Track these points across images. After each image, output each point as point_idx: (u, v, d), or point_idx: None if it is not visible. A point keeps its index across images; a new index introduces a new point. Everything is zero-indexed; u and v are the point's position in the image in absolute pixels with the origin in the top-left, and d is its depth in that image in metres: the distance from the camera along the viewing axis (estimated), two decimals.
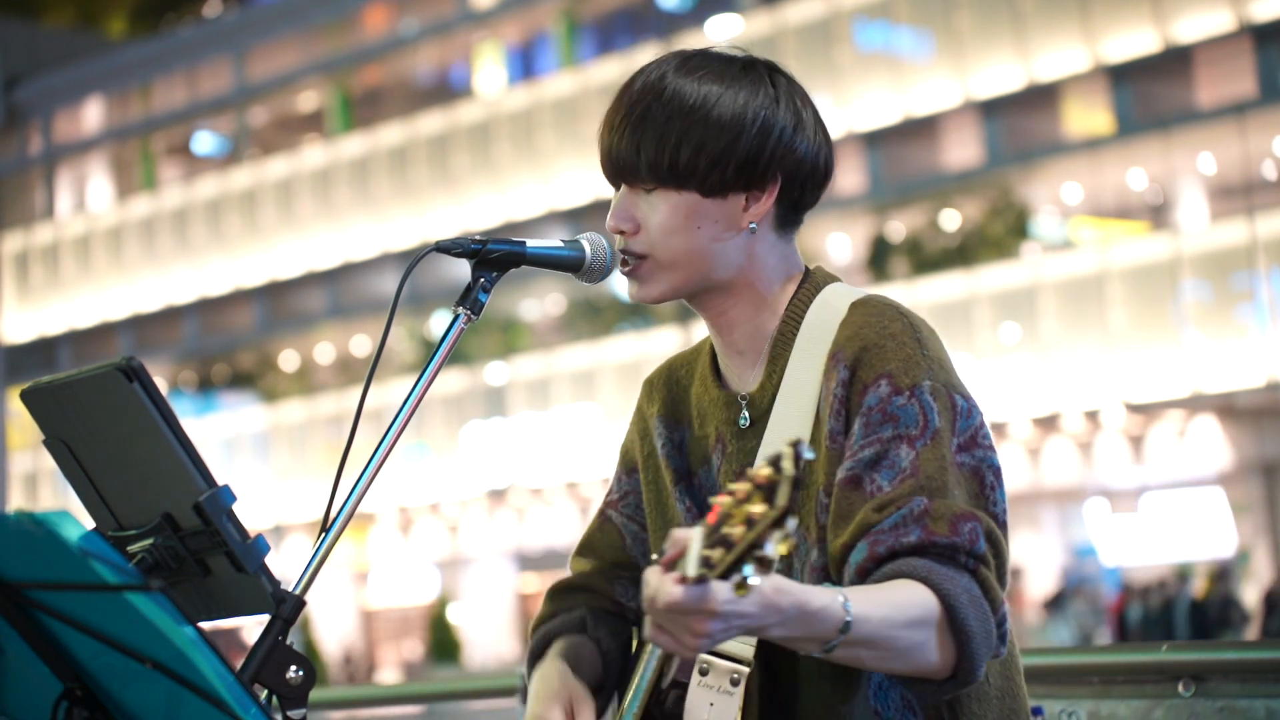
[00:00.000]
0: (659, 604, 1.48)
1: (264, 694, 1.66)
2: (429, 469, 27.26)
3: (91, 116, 36.09)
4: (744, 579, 1.44)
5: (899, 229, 24.51)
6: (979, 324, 22.09)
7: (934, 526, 1.71)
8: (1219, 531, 22.11)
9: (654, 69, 1.88)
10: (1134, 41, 21.85)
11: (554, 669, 1.94)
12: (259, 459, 30.19)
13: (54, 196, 36.02)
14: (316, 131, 32.49)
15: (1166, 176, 23.32)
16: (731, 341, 1.93)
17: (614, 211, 1.87)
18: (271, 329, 31.90)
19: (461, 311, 1.87)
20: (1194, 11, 21.40)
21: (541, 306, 29.05)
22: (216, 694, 1.43)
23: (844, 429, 1.80)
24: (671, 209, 1.84)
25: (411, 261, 1.79)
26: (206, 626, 1.53)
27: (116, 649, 1.46)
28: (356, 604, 30.63)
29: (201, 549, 1.68)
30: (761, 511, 1.42)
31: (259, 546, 1.66)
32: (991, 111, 23.24)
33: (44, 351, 34.45)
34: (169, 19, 41.21)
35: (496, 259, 1.89)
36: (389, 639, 30.23)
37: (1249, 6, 21.00)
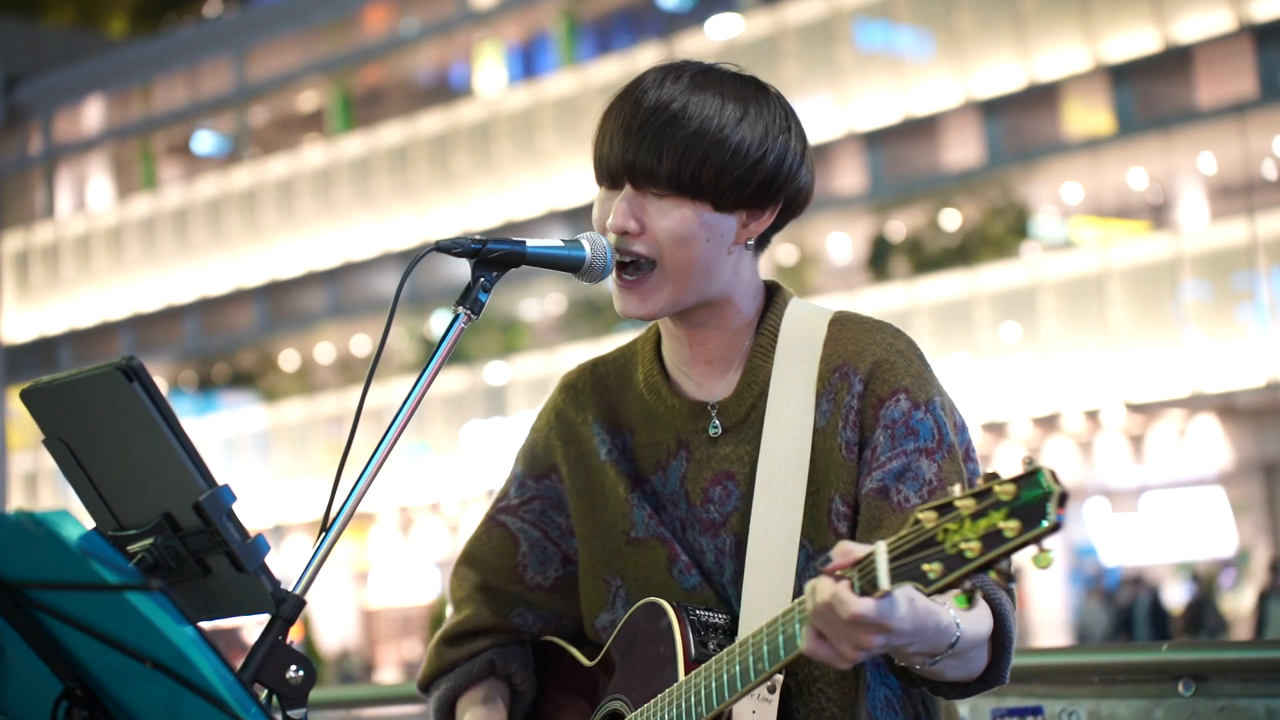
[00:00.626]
0: (842, 615, 1.53)
1: (264, 694, 1.67)
2: (429, 469, 27.26)
3: (92, 116, 36.09)
4: (973, 588, 1.49)
5: (899, 228, 24.50)
6: (979, 324, 22.09)
7: None
8: (1219, 531, 22.11)
9: (669, 80, 1.89)
10: (1134, 41, 21.84)
11: None
12: (259, 459, 30.19)
13: (54, 196, 36.02)
14: (317, 131, 32.49)
15: (1167, 176, 23.31)
16: (701, 352, 1.95)
17: (620, 211, 1.88)
18: (272, 329, 31.90)
19: (462, 311, 1.88)
20: (1194, 11, 21.39)
21: (542, 306, 29.05)
22: (217, 694, 1.44)
23: (859, 440, 1.86)
24: (684, 217, 1.87)
25: (412, 261, 1.79)
26: (206, 626, 1.53)
27: (117, 649, 1.46)
28: (357, 604, 30.63)
29: (202, 549, 1.68)
30: (1014, 528, 1.45)
31: (259, 546, 1.66)
32: (992, 111, 23.23)
33: (44, 351, 34.45)
34: (169, 19, 41.21)
35: (496, 259, 1.89)
36: (389, 639, 30.23)
37: (1249, 6, 20.99)
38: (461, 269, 1.91)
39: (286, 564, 25.67)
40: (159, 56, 34.52)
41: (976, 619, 1.72)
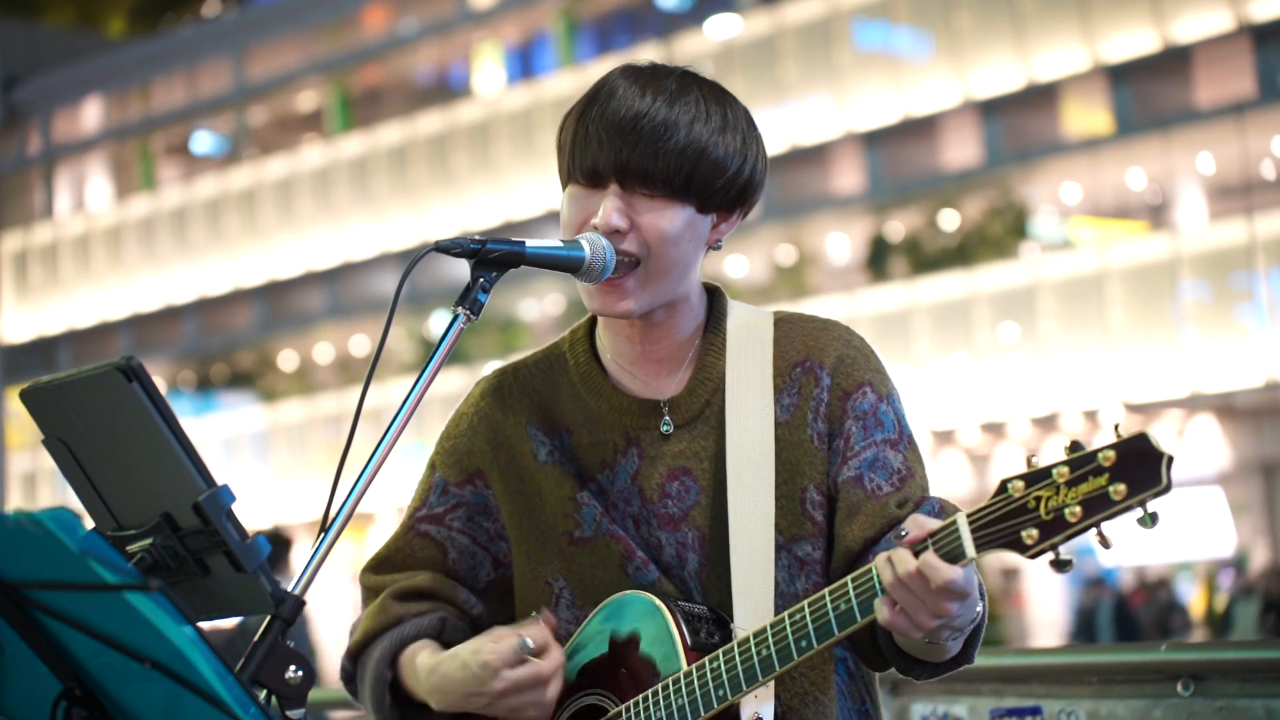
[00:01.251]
0: (935, 582, 1.62)
1: (263, 694, 1.67)
2: None
3: (90, 116, 36.08)
4: (1061, 560, 1.56)
5: (898, 229, 24.50)
6: (978, 324, 22.09)
7: None
8: (1218, 531, 22.11)
9: (649, 85, 1.92)
10: (1133, 41, 21.85)
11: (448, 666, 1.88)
12: (258, 459, 30.19)
13: (53, 196, 36.01)
14: (316, 131, 32.49)
15: (1165, 176, 23.32)
16: (653, 351, 1.98)
17: (610, 210, 1.89)
18: (271, 329, 31.89)
19: (461, 311, 1.88)
20: (1193, 11, 21.40)
21: (540, 306, 29.04)
22: (215, 694, 1.44)
23: (828, 431, 1.93)
24: (675, 217, 1.90)
25: (411, 261, 1.79)
26: (205, 626, 1.53)
27: (116, 648, 1.46)
28: (355, 604, 30.63)
29: (201, 549, 1.68)
30: (1120, 491, 1.52)
31: (258, 546, 1.67)
32: (991, 111, 23.23)
33: (43, 351, 34.44)
34: (168, 19, 41.21)
35: (496, 259, 1.89)
36: None
37: (1248, 6, 21.00)
38: (460, 269, 1.90)
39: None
40: (158, 56, 34.51)
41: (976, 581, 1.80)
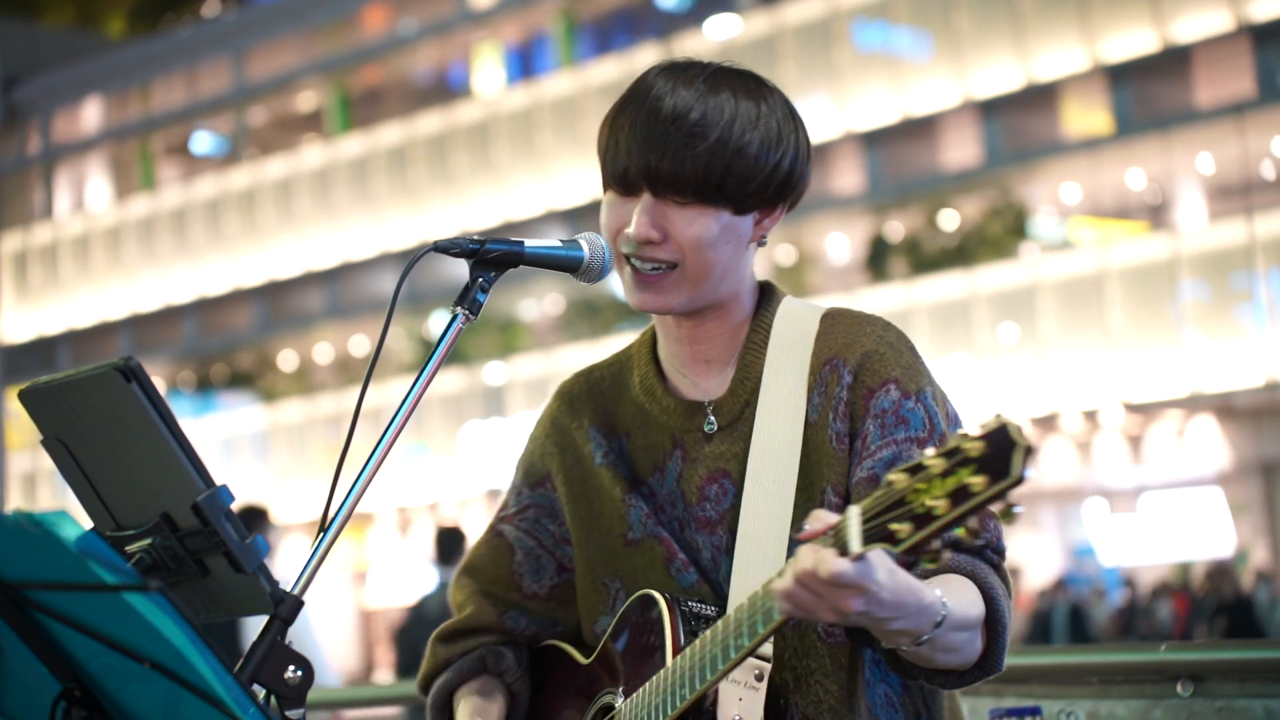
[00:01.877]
0: (821, 574, 1.54)
1: (262, 694, 1.67)
2: (428, 469, 27.26)
3: (90, 116, 36.08)
4: (939, 550, 1.49)
5: (898, 229, 24.50)
6: (977, 324, 22.09)
7: None
8: (1218, 532, 22.12)
9: (681, 84, 1.88)
10: (1133, 41, 21.85)
11: None
12: (257, 459, 30.19)
13: (52, 196, 36.00)
14: (315, 131, 32.49)
15: (1165, 176, 23.32)
16: (701, 352, 1.96)
17: (642, 221, 1.87)
18: (270, 329, 31.89)
19: (460, 311, 1.88)
20: (1193, 12, 21.40)
21: (540, 306, 29.04)
22: (215, 694, 1.44)
23: (849, 431, 1.87)
24: (709, 223, 1.87)
25: (410, 261, 1.80)
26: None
27: (115, 649, 1.46)
28: (355, 604, 30.62)
29: (200, 549, 1.68)
30: (981, 482, 1.44)
31: (257, 546, 1.67)
32: (990, 111, 23.23)
33: (42, 351, 34.43)
34: (168, 19, 41.20)
35: (495, 259, 1.89)
36: (387, 639, 30.24)
37: (1247, 7, 21.00)
38: (460, 269, 1.90)
39: (285, 564, 25.67)
40: (157, 57, 34.51)
41: (965, 601, 1.72)
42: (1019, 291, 21.92)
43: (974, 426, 1.49)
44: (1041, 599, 17.98)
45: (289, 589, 1.71)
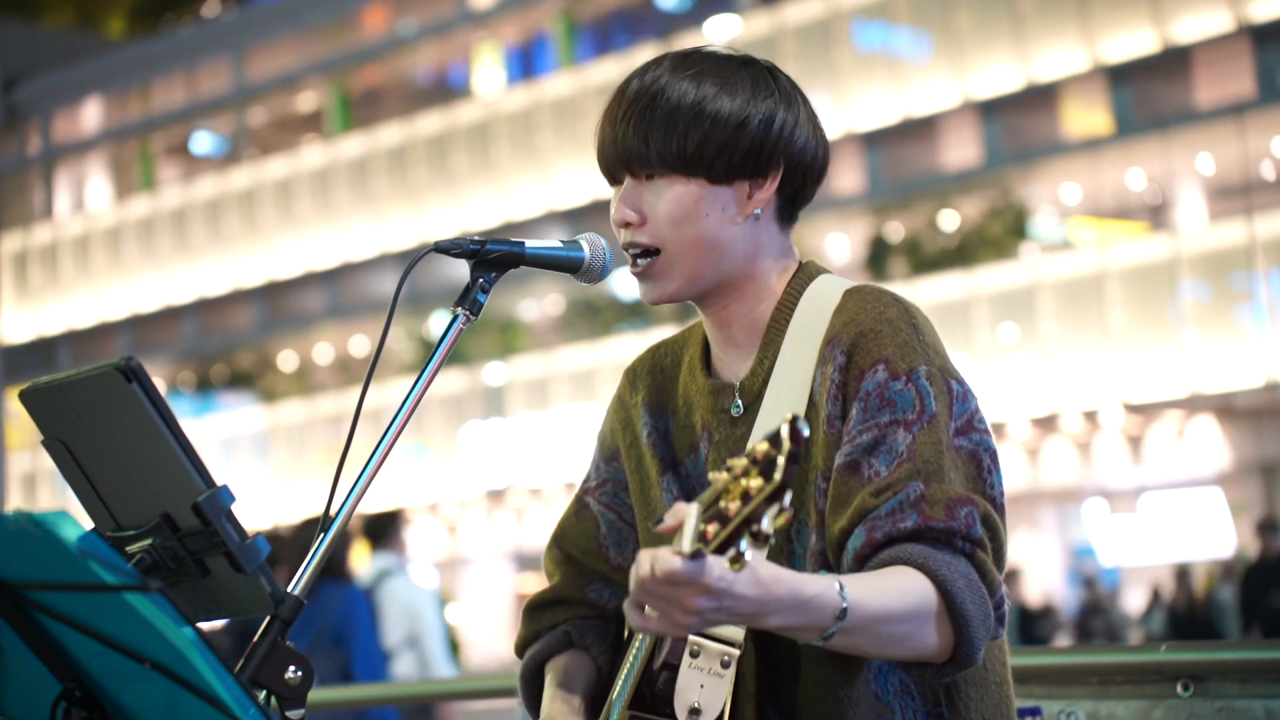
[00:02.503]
0: (656, 573, 1.48)
1: (263, 694, 1.67)
2: (428, 469, 27.26)
3: (90, 116, 36.08)
4: (739, 553, 1.45)
5: (898, 229, 24.51)
6: (978, 324, 22.09)
7: (930, 511, 1.72)
8: (1217, 532, 22.12)
9: (651, 68, 1.90)
10: (1133, 42, 21.85)
11: (555, 709, 1.98)
12: (258, 459, 30.19)
13: (53, 196, 36.01)
14: (315, 132, 32.49)
15: (1165, 177, 23.32)
16: (729, 335, 1.94)
17: (619, 203, 1.88)
18: (270, 329, 31.89)
19: (460, 312, 1.88)
20: (1192, 12, 21.40)
21: (540, 307, 29.04)
22: (215, 694, 1.44)
23: (841, 414, 1.82)
24: (679, 196, 1.86)
25: (410, 262, 1.79)
26: (204, 627, 1.54)
27: (115, 649, 1.46)
28: None
29: (200, 549, 1.68)
30: (758, 486, 1.44)
31: (258, 547, 1.66)
32: (990, 112, 23.24)
33: (42, 352, 34.44)
34: (168, 19, 41.22)
35: (495, 259, 1.89)
36: None
37: (1247, 7, 21.00)
38: (460, 270, 1.90)
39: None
40: (157, 57, 34.51)
41: (892, 590, 1.66)
42: (1019, 292, 21.92)
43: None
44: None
45: (289, 589, 1.71)
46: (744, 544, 1.45)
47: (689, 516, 1.48)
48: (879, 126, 23.80)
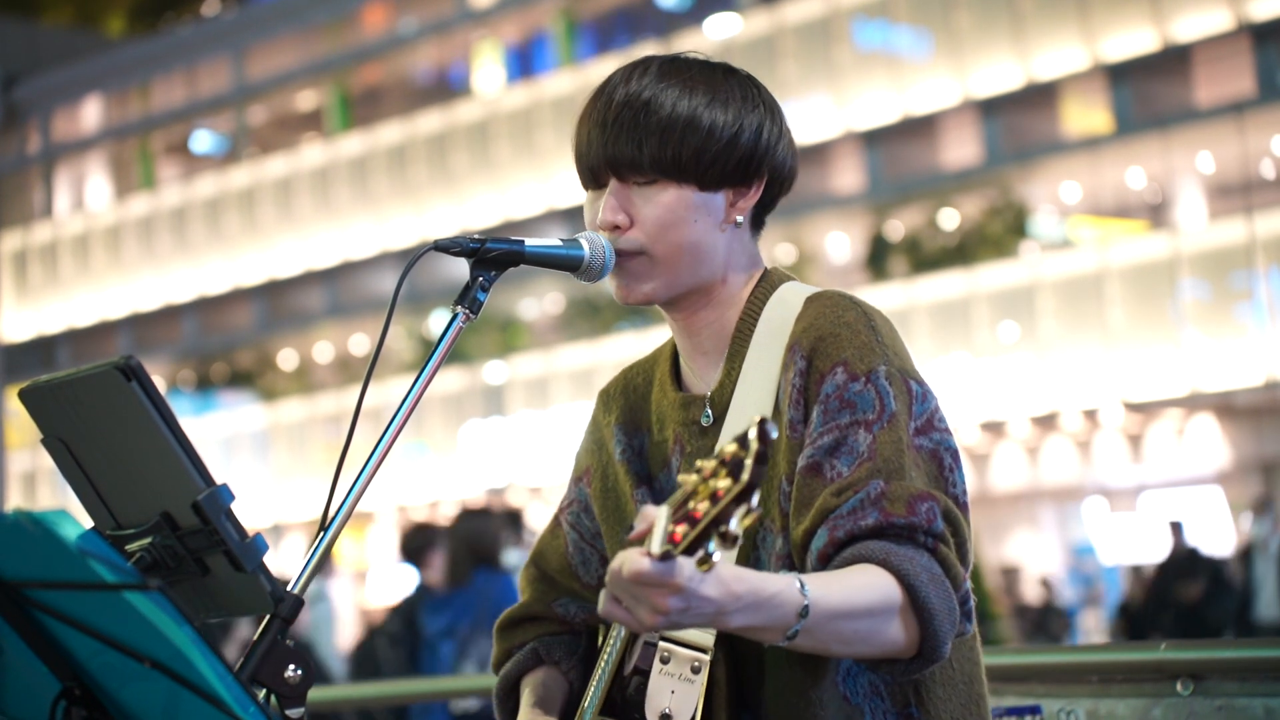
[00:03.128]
0: (624, 574, 1.50)
1: (263, 693, 1.67)
2: (428, 468, 27.26)
3: (90, 115, 36.08)
4: (708, 554, 1.46)
5: (898, 228, 24.50)
6: (977, 323, 22.09)
7: (891, 508, 1.73)
8: (1217, 531, 22.11)
9: (637, 74, 1.90)
10: (1133, 40, 21.85)
11: None
12: (257, 458, 30.19)
13: (52, 195, 36.00)
14: (315, 130, 32.49)
15: (1165, 175, 23.32)
16: (698, 343, 1.96)
17: (607, 206, 1.90)
18: (270, 328, 31.89)
19: (460, 310, 1.88)
20: (1192, 11, 21.40)
21: (540, 305, 29.04)
22: (215, 693, 1.44)
23: (803, 418, 1.83)
24: (669, 201, 1.87)
25: (410, 260, 1.80)
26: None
27: (115, 648, 1.46)
28: (355, 603, 30.64)
29: (200, 548, 1.68)
30: (726, 487, 1.44)
31: (257, 545, 1.67)
32: (990, 110, 23.23)
33: (42, 350, 34.43)
34: (168, 18, 41.20)
35: (495, 258, 1.89)
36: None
37: (1247, 6, 20.99)
38: (460, 268, 1.91)
39: (285, 563, 25.67)
40: (157, 56, 34.50)
41: (852, 586, 1.66)
42: (1019, 290, 21.92)
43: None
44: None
45: (289, 588, 1.71)
46: (712, 545, 1.46)
47: (659, 519, 1.49)
48: (879, 125, 23.79)
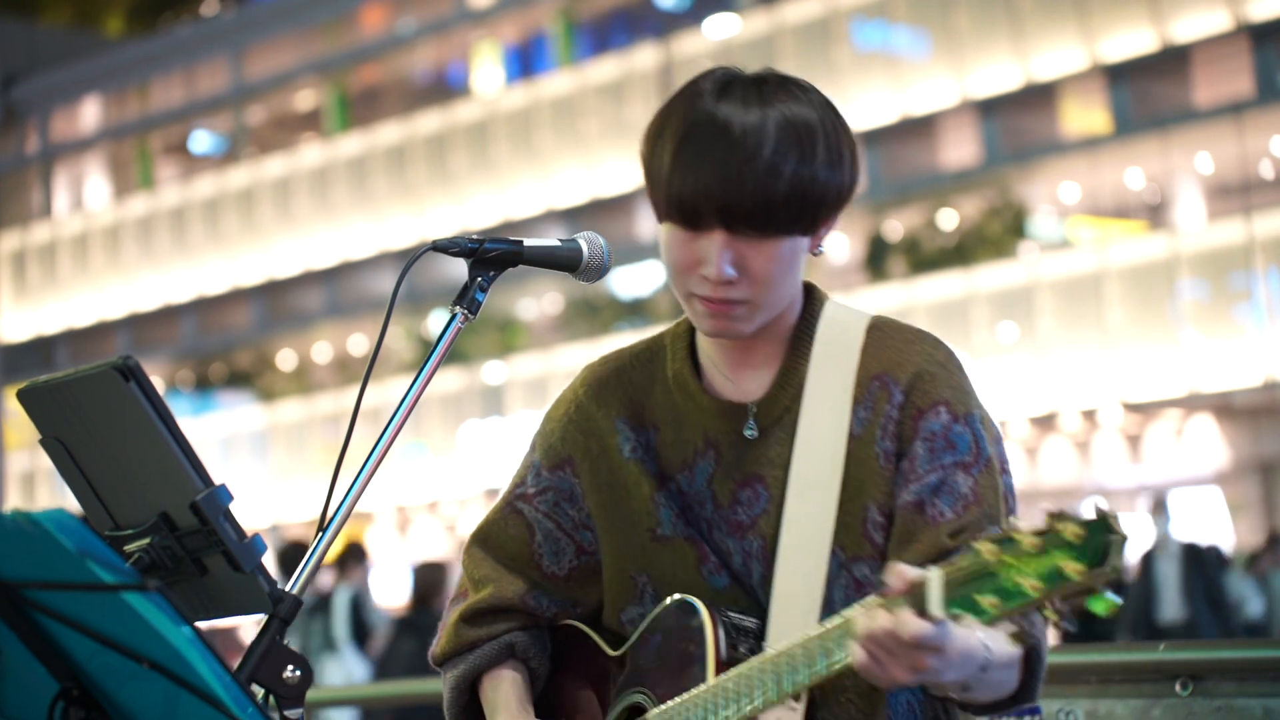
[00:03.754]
0: (903, 636, 1.56)
1: (261, 694, 1.66)
2: (426, 468, 27.26)
3: (89, 115, 36.07)
4: (1020, 630, 1.57)
5: (897, 228, 24.51)
6: (976, 323, 22.10)
7: None
8: (1216, 531, 22.12)
9: (740, 105, 1.82)
10: (1131, 41, 21.86)
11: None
12: (256, 458, 30.18)
13: (51, 195, 35.99)
14: (314, 130, 32.48)
15: (1164, 176, 23.32)
16: (744, 356, 1.93)
17: (723, 259, 1.81)
18: (269, 328, 31.88)
19: (459, 310, 1.88)
20: (1191, 11, 21.40)
21: (539, 305, 29.04)
22: (213, 694, 1.43)
23: (895, 450, 1.85)
24: (785, 254, 1.84)
25: (409, 260, 1.80)
26: (203, 626, 1.53)
27: (113, 649, 1.46)
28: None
29: (198, 548, 1.68)
30: (1077, 569, 1.48)
31: (256, 546, 1.66)
32: (989, 111, 23.24)
33: (41, 351, 34.42)
34: (166, 18, 41.18)
35: (494, 258, 1.89)
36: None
37: (1246, 6, 21.00)
38: (459, 268, 1.90)
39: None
40: (156, 56, 34.50)
41: (1000, 640, 1.72)
42: (1018, 291, 21.93)
43: (1078, 510, 1.51)
44: None
45: (287, 588, 1.71)
46: (1037, 618, 1.54)
47: (933, 582, 1.54)
48: (878, 125, 23.80)
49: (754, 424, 1.91)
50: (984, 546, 1.52)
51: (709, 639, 1.83)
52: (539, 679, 2.04)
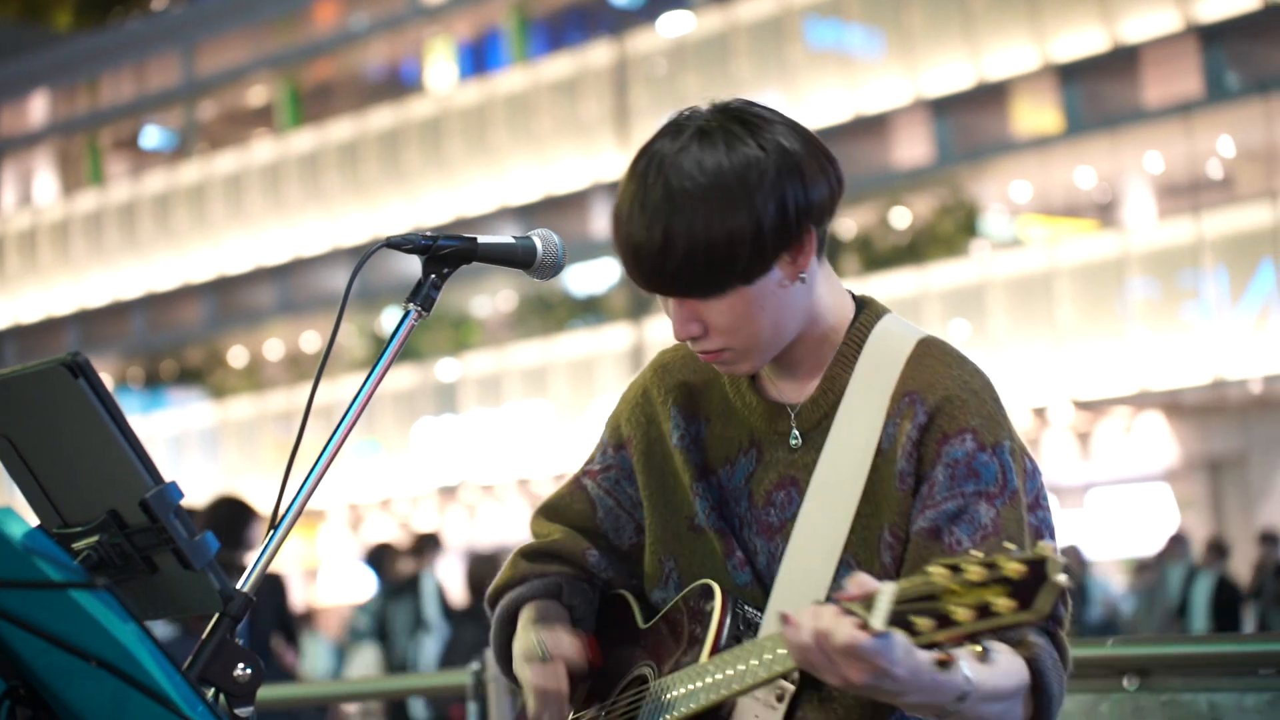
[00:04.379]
0: (835, 642, 1.57)
1: (211, 692, 1.66)
2: (379, 465, 27.16)
3: (37, 110, 35.72)
4: (952, 659, 1.54)
5: (850, 226, 24.61)
6: (929, 321, 22.21)
7: None
8: (1164, 528, 22.32)
9: (644, 191, 1.81)
10: (1082, 41, 22.02)
11: (547, 625, 1.98)
12: (207, 456, 29.99)
13: None
14: (266, 126, 32.29)
15: (1114, 175, 23.51)
16: (788, 362, 1.95)
17: (679, 319, 1.85)
18: (220, 325, 31.68)
19: (412, 308, 1.87)
20: (1141, 11, 21.58)
21: (493, 303, 28.98)
22: (163, 692, 1.43)
23: (914, 471, 1.84)
24: (733, 306, 1.84)
25: (362, 257, 1.79)
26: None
27: (61, 647, 1.45)
28: (306, 601, 30.48)
29: (148, 546, 1.67)
30: (1008, 606, 1.48)
31: (206, 543, 1.65)
32: (941, 110, 23.36)
33: None
34: (116, 12, 40.83)
35: (447, 255, 1.89)
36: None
37: (1195, 7, 21.20)
38: (412, 265, 1.90)
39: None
40: (106, 50, 34.21)
41: (998, 673, 1.70)
42: (969, 289, 22.05)
43: (1033, 549, 1.51)
44: None
45: (239, 586, 1.70)
46: (963, 652, 1.53)
47: (882, 596, 1.54)
48: (831, 124, 23.86)
49: (797, 431, 1.93)
50: (936, 570, 1.53)
51: (714, 624, 1.85)
52: (583, 627, 2.05)
